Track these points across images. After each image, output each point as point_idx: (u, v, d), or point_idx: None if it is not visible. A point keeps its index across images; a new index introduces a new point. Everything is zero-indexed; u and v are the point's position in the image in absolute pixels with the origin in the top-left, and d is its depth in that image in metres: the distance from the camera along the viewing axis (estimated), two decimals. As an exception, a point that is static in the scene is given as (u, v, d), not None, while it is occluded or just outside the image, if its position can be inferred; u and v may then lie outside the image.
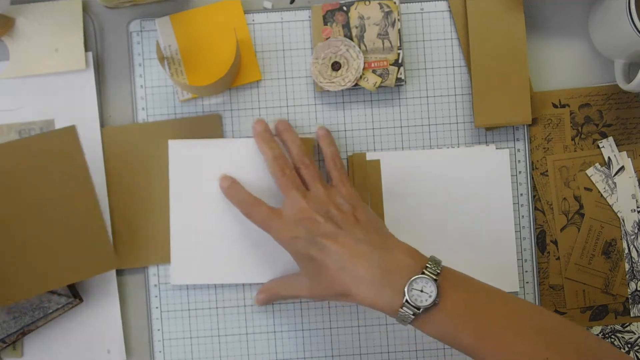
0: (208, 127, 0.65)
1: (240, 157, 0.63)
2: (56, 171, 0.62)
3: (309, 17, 0.66)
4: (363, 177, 0.65)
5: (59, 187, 0.62)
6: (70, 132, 0.62)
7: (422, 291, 0.52)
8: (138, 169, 0.65)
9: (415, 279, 0.52)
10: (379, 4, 0.64)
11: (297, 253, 0.57)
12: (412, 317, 0.52)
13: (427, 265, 0.53)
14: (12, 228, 0.61)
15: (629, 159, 0.67)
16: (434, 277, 0.52)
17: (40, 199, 0.62)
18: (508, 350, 0.50)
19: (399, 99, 0.66)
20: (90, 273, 0.63)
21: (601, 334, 0.66)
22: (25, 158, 0.62)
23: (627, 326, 0.66)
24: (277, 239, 0.58)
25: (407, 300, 0.52)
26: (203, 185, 0.63)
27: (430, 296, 0.51)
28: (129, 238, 0.65)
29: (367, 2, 0.64)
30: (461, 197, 0.65)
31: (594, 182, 0.66)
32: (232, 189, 0.62)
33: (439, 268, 0.53)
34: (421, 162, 0.65)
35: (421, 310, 0.51)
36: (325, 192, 0.59)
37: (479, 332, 0.51)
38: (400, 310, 0.52)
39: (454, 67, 0.66)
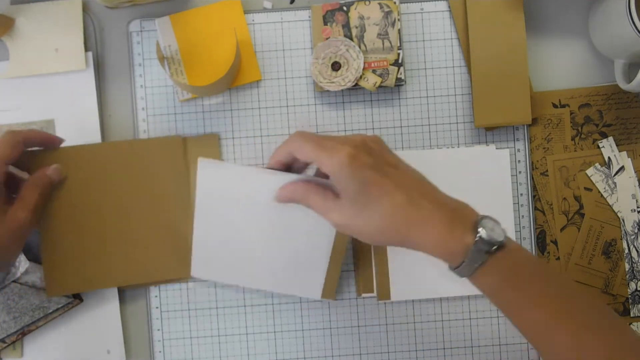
0: (207, 147, 0.65)
1: (264, 188, 0.60)
2: (160, 175, 0.64)
3: (309, 17, 0.66)
4: None
5: (159, 189, 0.64)
6: (177, 142, 0.64)
7: (493, 230, 0.49)
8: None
9: (485, 218, 0.50)
10: (379, 4, 0.64)
11: (353, 176, 0.50)
12: (485, 257, 0.48)
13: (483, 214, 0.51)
14: (108, 219, 0.64)
15: (629, 159, 0.67)
16: (496, 220, 0.50)
17: (141, 197, 0.64)
18: (558, 314, 0.48)
19: (399, 99, 0.66)
20: (168, 276, 0.65)
21: None
22: (134, 157, 0.64)
23: (627, 326, 0.67)
24: (330, 165, 0.51)
25: (480, 237, 0.48)
26: (228, 205, 0.62)
27: (501, 235, 0.49)
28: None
29: (367, 2, 0.64)
30: (461, 197, 0.65)
31: (594, 182, 0.66)
32: (279, 148, 0.57)
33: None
34: (421, 162, 0.65)
35: (495, 247, 0.48)
36: (355, 137, 0.53)
37: (532, 292, 0.49)
38: (472, 248, 0.48)
39: (454, 67, 0.66)
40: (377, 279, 0.65)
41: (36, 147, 0.62)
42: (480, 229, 0.49)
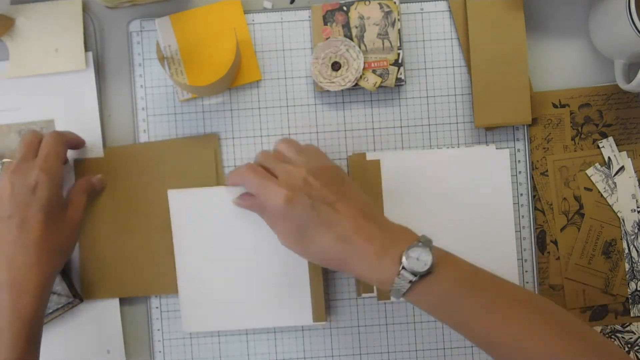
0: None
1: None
2: (193, 173, 0.65)
3: (309, 17, 0.66)
4: (363, 177, 0.65)
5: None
6: (214, 139, 0.65)
7: (418, 259, 0.51)
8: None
9: (412, 247, 0.52)
10: (379, 4, 0.64)
11: (289, 218, 0.54)
12: (409, 285, 0.52)
13: (419, 239, 0.53)
14: (147, 225, 0.65)
15: (629, 159, 0.66)
16: (428, 248, 0.52)
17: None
18: (504, 325, 0.50)
19: (399, 99, 0.66)
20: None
21: (601, 334, 0.66)
22: (169, 156, 0.65)
23: (627, 326, 0.66)
24: (270, 201, 0.55)
25: (403, 267, 0.51)
26: (204, 231, 0.63)
27: (426, 264, 0.51)
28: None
29: (367, 2, 0.64)
30: (461, 197, 0.65)
31: (594, 182, 0.66)
32: (231, 173, 0.61)
33: (431, 243, 0.53)
34: (421, 162, 0.65)
35: (418, 277, 0.51)
36: (313, 160, 0.57)
37: (475, 305, 0.51)
38: (397, 278, 0.52)
39: (454, 67, 0.66)
40: None
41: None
42: (404, 259, 0.52)
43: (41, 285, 0.56)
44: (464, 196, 0.65)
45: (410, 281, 0.51)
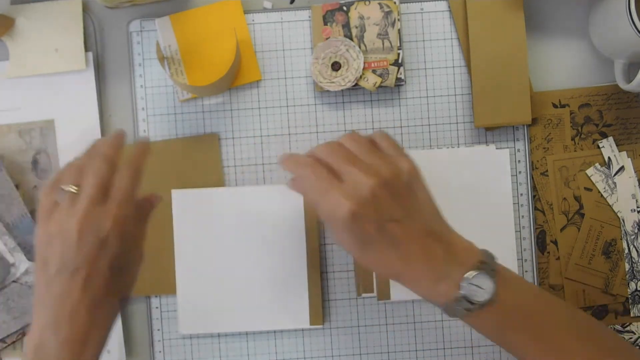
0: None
1: (240, 204, 0.64)
2: (193, 173, 0.65)
3: (309, 17, 0.66)
4: None
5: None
6: (214, 139, 0.65)
7: (478, 287, 0.49)
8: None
9: (473, 274, 0.50)
10: (379, 4, 0.64)
11: (353, 232, 0.50)
12: (466, 312, 0.49)
13: (484, 260, 0.51)
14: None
15: (629, 159, 0.66)
16: (491, 274, 0.50)
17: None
18: (563, 354, 0.49)
19: (399, 99, 0.66)
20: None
21: None
22: (169, 156, 0.65)
23: (627, 326, 0.66)
24: (331, 210, 0.50)
25: (463, 295, 0.49)
26: (205, 233, 0.64)
27: (487, 292, 0.49)
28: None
29: (367, 2, 0.64)
30: (461, 197, 0.65)
31: (594, 182, 0.66)
32: (289, 158, 0.54)
33: (495, 265, 0.51)
34: (421, 162, 0.65)
35: (476, 306, 0.49)
36: (384, 165, 0.52)
37: (533, 332, 0.50)
38: (455, 304, 0.49)
39: (454, 67, 0.66)
40: (377, 279, 0.65)
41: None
42: (463, 286, 0.49)
43: (102, 342, 0.51)
44: (464, 196, 0.65)
45: (468, 309, 0.50)
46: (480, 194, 0.65)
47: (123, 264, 0.51)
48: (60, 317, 0.49)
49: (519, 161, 0.66)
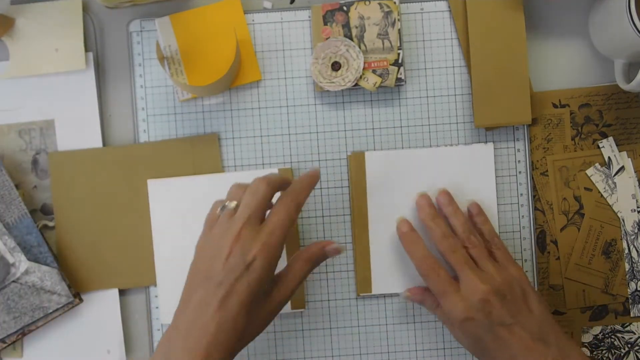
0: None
1: (217, 191, 0.63)
2: (193, 173, 0.65)
3: (309, 17, 0.66)
4: (362, 175, 0.65)
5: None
6: (214, 139, 0.65)
7: None
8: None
9: None
10: (379, 4, 0.64)
11: (467, 332, 0.57)
12: None
13: None
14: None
15: (629, 159, 0.66)
16: None
17: None
18: None
19: (399, 99, 0.66)
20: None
21: (601, 334, 0.66)
22: (169, 156, 0.65)
23: (627, 326, 0.66)
24: (448, 310, 0.58)
25: None
26: (183, 221, 0.64)
27: None
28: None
29: (367, 2, 0.64)
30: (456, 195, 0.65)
31: (594, 182, 0.66)
32: (412, 242, 0.62)
33: None
34: (409, 161, 0.65)
35: None
36: (498, 273, 0.58)
37: None
38: None
39: (454, 67, 0.66)
40: (358, 273, 0.65)
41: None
42: None
43: None
44: (451, 192, 0.65)
45: None
46: (465, 190, 0.65)
47: (261, 293, 0.52)
48: (192, 326, 0.50)
49: (519, 161, 0.66)
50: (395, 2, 0.64)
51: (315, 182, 0.56)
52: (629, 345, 0.67)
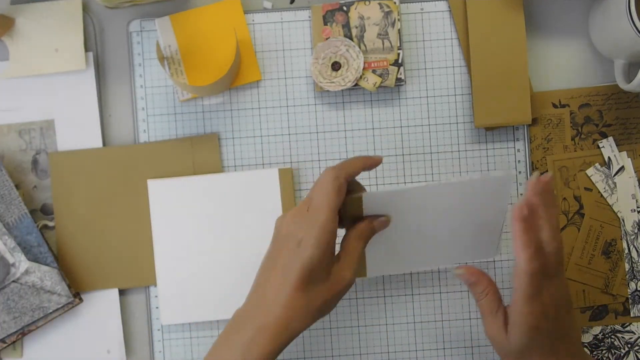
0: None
1: (217, 191, 0.64)
2: (193, 173, 0.65)
3: (309, 17, 0.66)
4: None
5: None
6: (214, 139, 0.65)
7: None
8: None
9: None
10: (379, 4, 0.64)
11: (520, 344, 0.53)
12: None
13: None
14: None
15: (629, 159, 0.67)
16: None
17: None
18: None
19: (399, 99, 0.66)
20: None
21: (601, 334, 0.66)
22: (169, 156, 0.65)
23: (627, 326, 0.66)
24: (486, 332, 0.56)
25: None
26: (183, 221, 0.64)
27: None
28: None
29: (367, 2, 0.64)
30: (454, 222, 0.60)
31: (594, 182, 0.66)
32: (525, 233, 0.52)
33: None
34: (418, 199, 0.58)
35: None
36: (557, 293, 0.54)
37: None
38: None
39: (454, 67, 0.66)
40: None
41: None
42: None
43: (280, 343, 0.54)
44: (458, 221, 0.60)
45: None
46: (474, 221, 0.60)
47: (319, 271, 0.53)
48: (261, 301, 0.53)
49: (519, 161, 0.66)
50: (395, 2, 0.64)
51: (369, 164, 0.56)
52: (629, 345, 0.67)
